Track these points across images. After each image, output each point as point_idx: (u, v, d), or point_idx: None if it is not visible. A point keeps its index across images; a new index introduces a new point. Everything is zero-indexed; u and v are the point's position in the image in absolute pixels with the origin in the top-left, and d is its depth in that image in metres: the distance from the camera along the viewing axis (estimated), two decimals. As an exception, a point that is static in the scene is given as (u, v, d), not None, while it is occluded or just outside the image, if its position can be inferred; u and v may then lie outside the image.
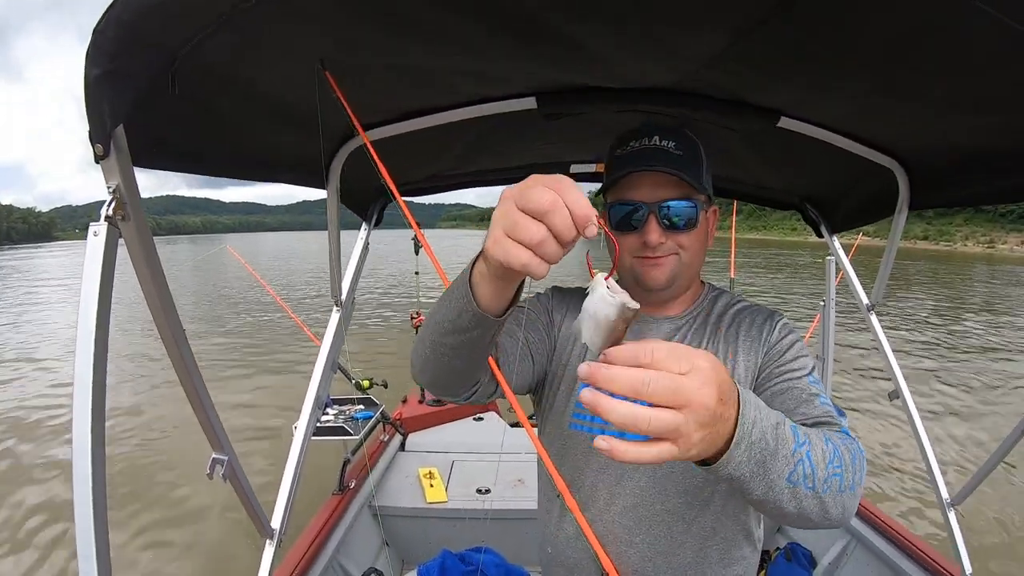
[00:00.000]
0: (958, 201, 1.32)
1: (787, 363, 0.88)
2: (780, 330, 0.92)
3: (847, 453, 0.67)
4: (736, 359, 0.91)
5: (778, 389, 0.86)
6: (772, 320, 0.94)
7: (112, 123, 0.63)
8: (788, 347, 0.90)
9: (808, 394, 0.84)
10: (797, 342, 0.91)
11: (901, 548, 1.88)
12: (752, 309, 0.96)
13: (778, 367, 0.89)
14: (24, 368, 8.39)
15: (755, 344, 0.91)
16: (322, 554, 1.93)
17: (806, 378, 0.86)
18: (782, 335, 0.92)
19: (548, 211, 0.49)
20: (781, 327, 0.93)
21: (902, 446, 4.88)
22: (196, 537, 3.76)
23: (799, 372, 0.87)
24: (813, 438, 0.63)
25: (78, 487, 0.71)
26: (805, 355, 0.90)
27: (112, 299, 0.74)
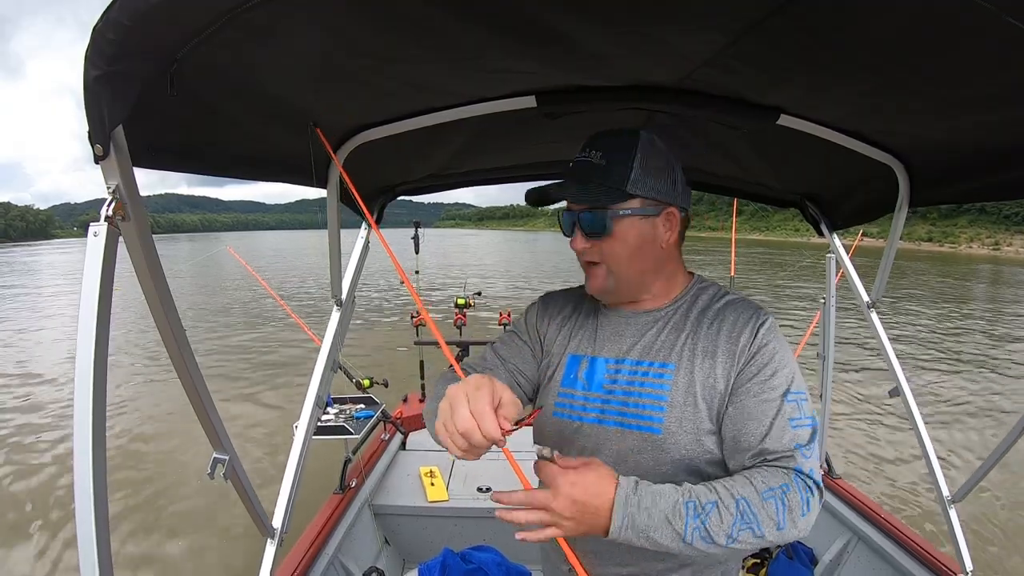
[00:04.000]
0: (958, 198, 1.32)
1: (760, 379, 0.84)
2: (762, 336, 0.86)
3: (769, 505, 0.76)
4: (715, 361, 0.87)
5: (742, 407, 0.83)
6: (755, 322, 0.88)
7: (111, 124, 0.63)
8: (767, 359, 0.85)
9: (771, 420, 0.81)
10: (778, 352, 0.86)
11: (902, 545, 1.89)
12: (737, 305, 0.91)
13: (749, 380, 0.84)
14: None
15: (733, 348, 0.86)
16: (323, 553, 1.93)
17: (782, 398, 0.82)
18: (763, 342, 0.86)
19: (467, 432, 0.67)
20: (764, 332, 0.86)
21: (903, 443, 4.89)
22: (197, 537, 3.77)
23: (772, 391, 0.83)
24: (719, 507, 0.75)
25: (79, 486, 0.71)
26: (786, 367, 0.85)
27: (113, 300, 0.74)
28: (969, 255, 42.68)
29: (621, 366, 0.92)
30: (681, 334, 0.91)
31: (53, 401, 6.73)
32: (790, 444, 0.80)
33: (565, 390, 0.96)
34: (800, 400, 0.83)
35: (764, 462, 0.81)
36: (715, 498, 0.76)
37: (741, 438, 0.83)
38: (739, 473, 0.81)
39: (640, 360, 0.91)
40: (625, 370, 0.91)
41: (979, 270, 26.31)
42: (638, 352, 0.92)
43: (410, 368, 3.77)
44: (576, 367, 0.96)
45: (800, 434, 0.81)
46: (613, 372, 0.92)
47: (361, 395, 2.75)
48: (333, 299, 1.55)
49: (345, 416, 2.54)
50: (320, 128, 1.09)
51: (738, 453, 0.83)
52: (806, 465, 0.80)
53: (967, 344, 9.40)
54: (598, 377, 0.93)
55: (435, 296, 10.57)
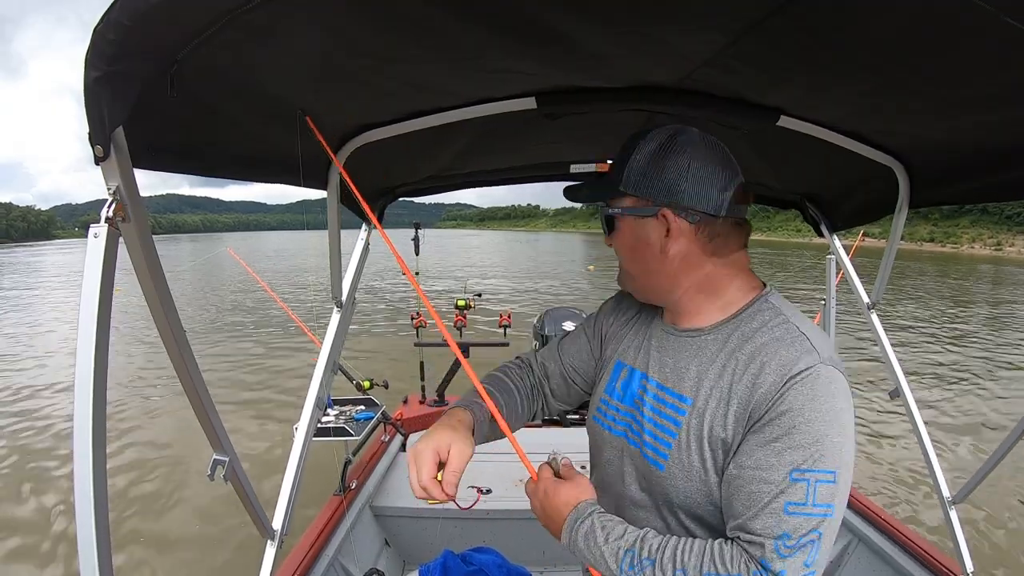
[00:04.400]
0: (958, 199, 1.32)
1: (768, 440, 0.69)
2: (791, 391, 0.69)
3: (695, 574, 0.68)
4: (729, 406, 0.74)
5: (741, 468, 0.71)
6: (789, 370, 0.70)
7: (111, 125, 0.63)
8: (788, 420, 0.68)
9: (763, 495, 0.68)
10: (808, 414, 0.68)
11: (902, 546, 1.88)
12: (782, 344, 0.73)
13: (757, 438, 0.70)
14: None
15: (751, 395, 0.72)
16: (323, 555, 1.93)
17: (788, 474, 0.67)
18: (789, 399, 0.69)
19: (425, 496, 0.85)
20: (796, 386, 0.69)
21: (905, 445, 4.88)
22: (197, 537, 3.76)
23: (778, 461, 0.68)
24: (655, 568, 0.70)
25: (79, 486, 0.71)
26: (811, 436, 0.67)
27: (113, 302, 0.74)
28: (971, 255, 42.62)
29: (649, 385, 0.85)
30: (711, 366, 0.78)
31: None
32: (772, 531, 0.66)
33: (606, 397, 0.93)
34: (817, 482, 0.66)
35: (738, 539, 0.70)
36: (656, 557, 0.71)
37: (730, 502, 0.72)
38: (707, 540, 0.72)
39: (663, 384, 0.83)
40: (652, 391, 0.84)
41: (981, 270, 26.24)
42: (665, 375, 0.84)
43: (410, 370, 3.77)
44: (618, 374, 0.92)
45: (793, 523, 0.66)
46: (642, 389, 0.86)
47: (361, 396, 2.75)
48: (333, 300, 1.55)
49: (345, 417, 2.54)
50: (320, 129, 1.09)
51: (726, 516, 0.74)
52: (778, 565, 0.65)
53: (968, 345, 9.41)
54: (632, 390, 0.88)
55: (434, 297, 10.57)
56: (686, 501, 0.78)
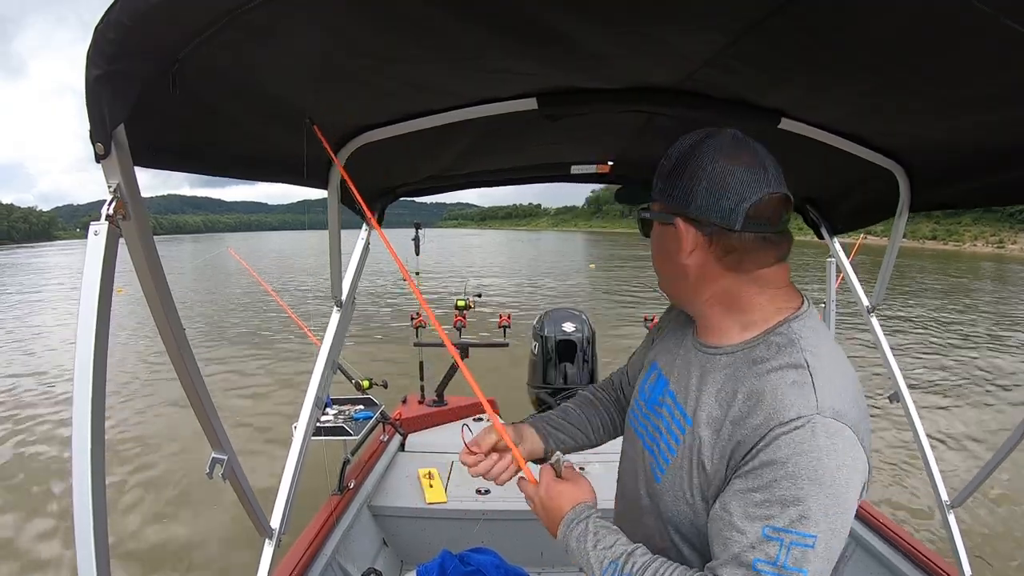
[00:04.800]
0: (959, 203, 1.32)
1: (750, 489, 0.65)
2: (781, 442, 0.64)
3: None
4: (717, 436, 0.71)
5: (721, 511, 0.68)
6: (783, 417, 0.65)
7: (112, 123, 0.63)
8: (772, 472, 0.63)
9: (734, 546, 0.65)
10: (795, 471, 0.62)
11: (900, 550, 1.88)
12: (784, 382, 0.67)
13: (739, 484, 0.66)
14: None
15: (738, 432, 0.68)
16: (321, 554, 1.93)
17: (762, 529, 0.63)
18: (777, 449, 0.64)
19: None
20: (787, 438, 0.63)
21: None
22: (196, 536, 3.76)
23: (755, 514, 0.64)
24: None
25: (77, 486, 0.71)
26: (795, 496, 0.62)
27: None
28: (973, 253, 42.50)
29: (668, 395, 0.83)
30: (713, 390, 0.75)
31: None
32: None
33: (637, 395, 0.92)
34: (792, 544, 0.62)
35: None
36: (631, 570, 0.71)
37: (711, 540, 0.70)
38: (687, 571, 0.70)
39: (676, 397, 0.81)
40: (668, 403, 0.82)
41: (983, 268, 26.11)
42: (679, 388, 0.81)
43: (410, 369, 3.77)
44: (650, 375, 0.90)
45: None
46: (663, 396, 0.84)
47: (360, 396, 2.75)
48: (333, 300, 1.55)
49: (344, 417, 2.54)
50: (320, 129, 1.09)
51: (710, 536, 0.71)
52: None
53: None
54: (656, 395, 0.86)
55: (434, 298, 10.57)
56: (674, 518, 0.77)
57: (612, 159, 1.62)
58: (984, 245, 48.54)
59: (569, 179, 1.72)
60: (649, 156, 1.58)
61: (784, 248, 0.77)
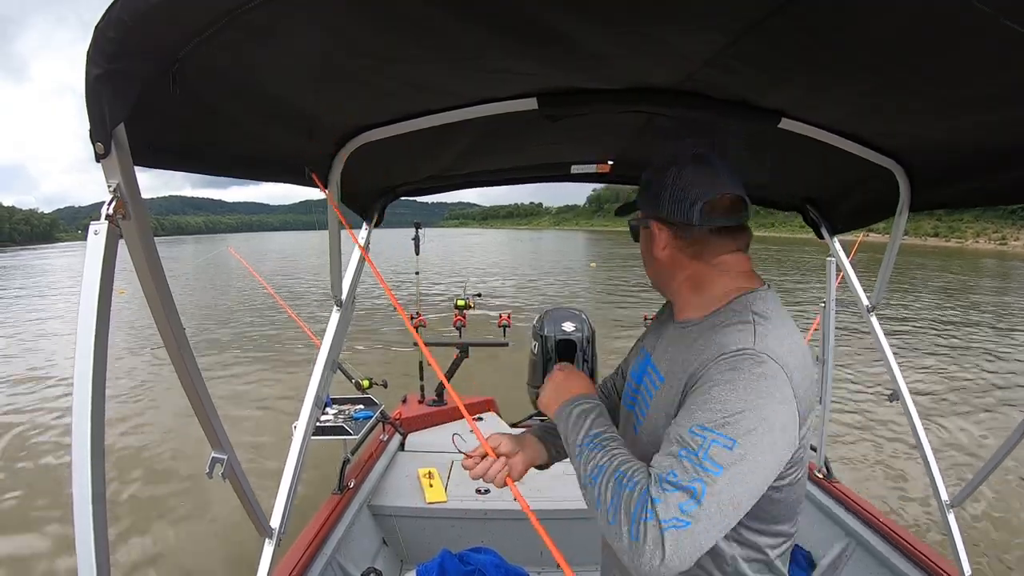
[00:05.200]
0: (958, 202, 1.32)
1: (687, 403, 0.78)
2: (717, 369, 0.77)
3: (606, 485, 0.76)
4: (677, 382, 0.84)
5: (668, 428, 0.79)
6: (720, 351, 0.78)
7: (112, 122, 0.63)
8: (706, 389, 0.76)
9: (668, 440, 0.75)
10: (726, 389, 0.74)
11: (900, 549, 1.88)
12: (727, 332, 0.81)
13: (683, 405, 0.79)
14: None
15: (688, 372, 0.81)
16: (321, 554, 1.93)
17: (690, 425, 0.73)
18: (711, 373, 0.77)
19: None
20: (722, 366, 0.76)
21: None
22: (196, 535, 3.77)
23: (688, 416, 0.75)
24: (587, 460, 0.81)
25: (77, 485, 0.71)
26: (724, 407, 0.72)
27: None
28: (976, 250, 42.40)
29: (648, 365, 0.99)
30: (685, 351, 0.87)
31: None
32: (663, 466, 0.72)
33: (630, 378, 1.05)
34: (713, 441, 0.71)
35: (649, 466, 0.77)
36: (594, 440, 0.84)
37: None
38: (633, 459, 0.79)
39: (655, 364, 0.96)
40: (649, 371, 0.97)
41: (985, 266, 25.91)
42: (658, 357, 0.96)
43: (409, 369, 3.77)
44: (639, 358, 1.04)
45: (681, 467, 0.71)
46: (645, 367, 1.00)
47: (360, 396, 2.75)
48: (333, 299, 1.55)
49: (344, 417, 2.54)
50: (320, 128, 1.09)
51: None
52: (655, 492, 0.70)
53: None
54: (642, 371, 1.00)
55: (435, 297, 10.58)
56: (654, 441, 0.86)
57: (612, 159, 1.62)
58: (986, 242, 48.38)
59: (569, 179, 1.73)
60: (649, 156, 1.59)
61: (743, 240, 0.93)
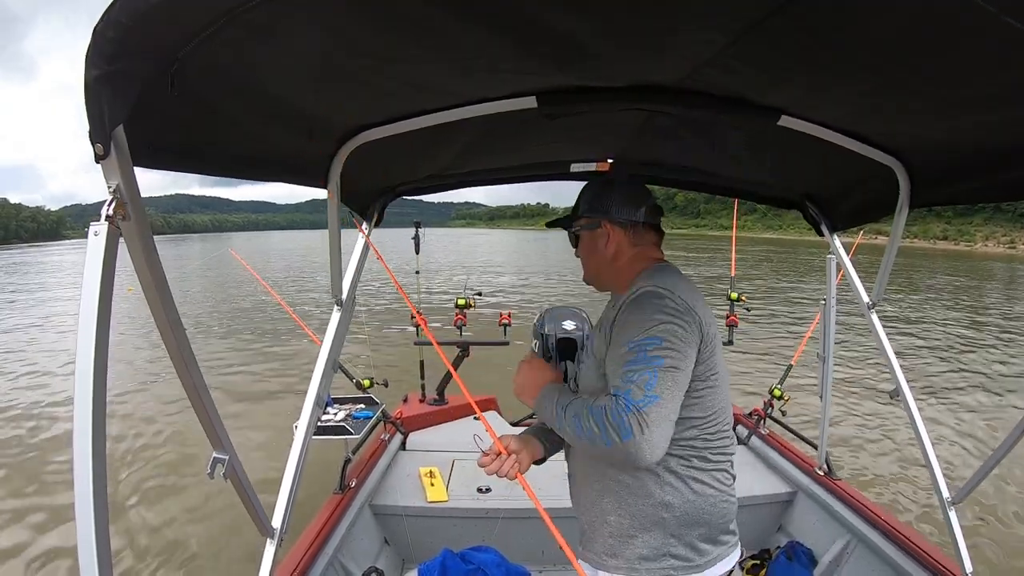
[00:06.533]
0: (958, 199, 1.32)
1: (615, 337, 1.04)
2: (624, 306, 1.06)
3: (589, 419, 0.98)
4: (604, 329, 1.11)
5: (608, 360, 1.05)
6: (624, 297, 1.08)
7: (112, 123, 0.63)
8: (622, 322, 1.04)
9: (614, 366, 1.01)
10: (633, 313, 1.03)
11: (902, 547, 1.88)
12: (630, 291, 1.09)
13: (611, 340, 1.05)
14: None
15: (611, 318, 1.09)
16: (323, 553, 1.93)
17: (624, 349, 0.99)
18: (622, 311, 1.05)
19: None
20: (627, 303, 1.05)
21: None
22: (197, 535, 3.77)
23: (619, 347, 1.01)
24: (567, 411, 1.05)
25: (79, 486, 0.71)
26: (635, 324, 1.00)
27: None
28: (985, 253, 42.19)
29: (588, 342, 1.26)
30: (608, 312, 1.15)
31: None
32: (620, 374, 0.98)
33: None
34: (642, 345, 0.98)
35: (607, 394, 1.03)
36: (567, 404, 1.06)
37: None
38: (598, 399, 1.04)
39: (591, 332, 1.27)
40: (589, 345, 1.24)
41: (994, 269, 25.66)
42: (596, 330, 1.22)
43: (411, 368, 3.77)
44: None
45: (633, 367, 0.97)
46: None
47: (361, 395, 2.75)
48: (333, 299, 1.55)
49: (345, 416, 2.54)
50: (320, 128, 1.09)
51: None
52: (624, 388, 0.96)
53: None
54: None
55: (436, 297, 10.56)
56: (589, 387, 1.15)
57: (612, 157, 1.62)
58: (995, 245, 48.08)
59: (570, 178, 1.72)
60: (649, 154, 1.59)
61: (659, 233, 1.23)
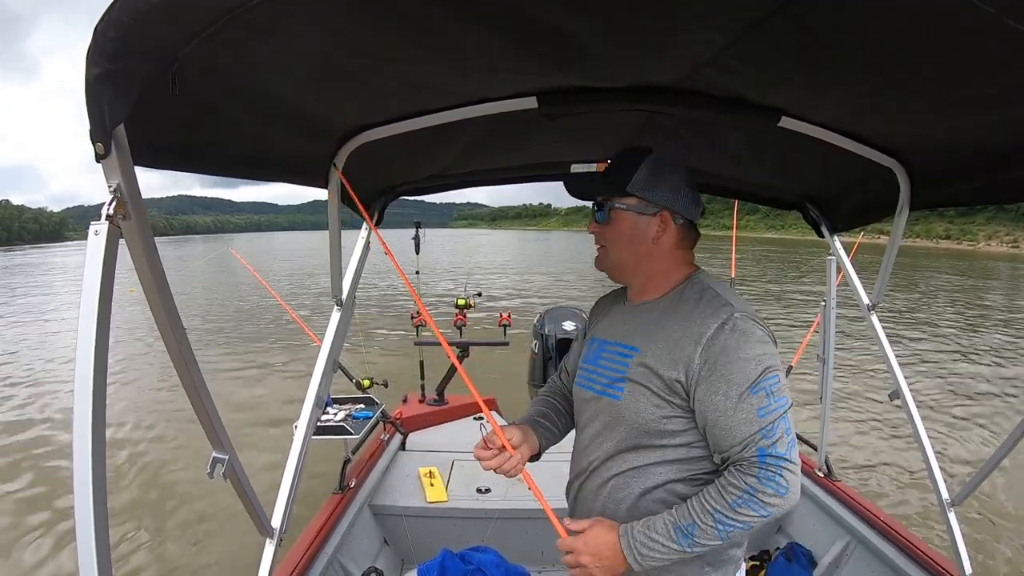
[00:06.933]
0: (959, 200, 1.31)
1: (719, 376, 0.90)
2: (721, 334, 0.92)
3: (743, 509, 0.88)
4: (670, 348, 0.96)
5: (707, 403, 0.92)
6: (716, 319, 0.94)
7: (112, 122, 0.63)
8: (725, 355, 0.90)
9: (733, 417, 0.89)
10: (741, 346, 0.90)
11: (901, 548, 1.88)
12: (708, 301, 0.98)
13: (710, 376, 0.91)
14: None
15: (690, 341, 0.94)
16: (322, 553, 1.93)
17: (746, 392, 0.88)
18: (720, 339, 0.92)
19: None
20: (725, 329, 0.92)
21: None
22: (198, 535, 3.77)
23: (733, 388, 0.89)
24: (699, 525, 0.89)
25: (79, 488, 0.71)
26: (750, 359, 0.89)
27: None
28: (988, 253, 42.06)
29: (605, 346, 1.10)
30: (655, 324, 1.02)
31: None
32: (755, 434, 0.88)
33: (584, 365, 1.15)
34: (768, 387, 0.89)
35: (732, 459, 0.91)
36: (693, 519, 0.90)
37: (711, 432, 0.93)
38: (715, 481, 0.93)
39: (615, 341, 1.08)
40: (607, 350, 1.09)
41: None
42: (616, 335, 1.09)
43: (410, 368, 3.77)
44: (592, 346, 1.15)
45: (766, 421, 0.88)
46: (604, 351, 1.10)
47: (361, 395, 2.75)
48: (333, 299, 1.55)
49: (345, 416, 2.54)
50: (320, 128, 1.09)
51: (712, 444, 0.95)
52: (768, 444, 0.87)
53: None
54: (598, 355, 1.11)
55: (436, 297, 10.56)
56: (636, 422, 0.99)
57: (612, 158, 1.62)
58: (998, 245, 47.96)
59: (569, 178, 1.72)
60: None
61: (698, 235, 1.11)
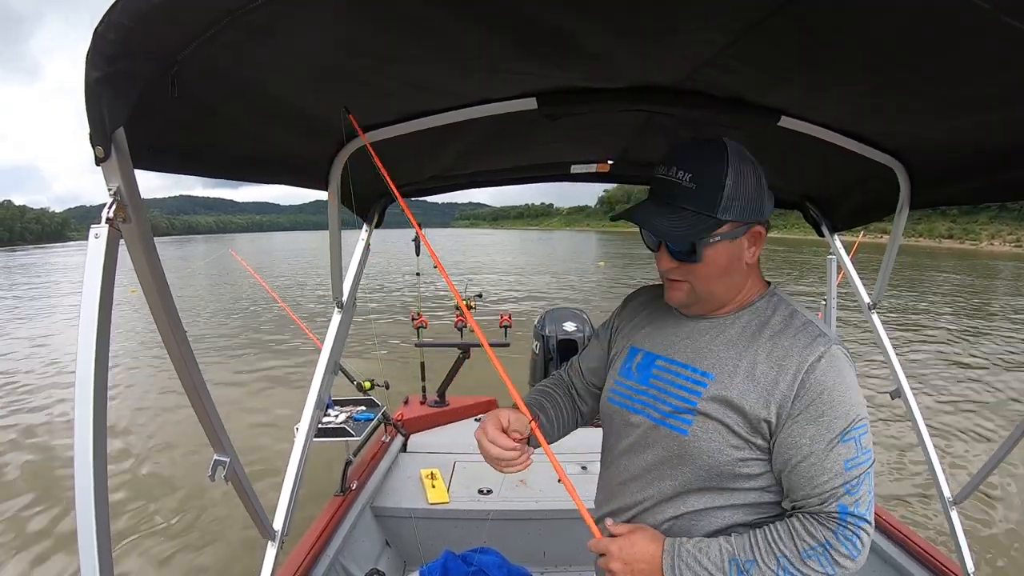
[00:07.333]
0: (959, 199, 1.31)
1: (809, 418, 0.80)
2: (815, 371, 0.81)
3: (812, 562, 0.80)
4: (755, 383, 0.84)
5: (790, 444, 0.82)
6: (809, 353, 0.82)
7: (112, 125, 0.63)
8: (817, 396, 0.80)
9: (818, 465, 0.80)
10: (835, 389, 0.80)
11: (903, 547, 1.88)
12: (799, 331, 0.85)
13: (798, 416, 0.81)
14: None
15: (779, 376, 0.82)
16: (324, 555, 1.93)
17: (835, 440, 0.79)
18: (814, 379, 0.80)
19: (496, 457, 0.92)
20: (818, 366, 0.81)
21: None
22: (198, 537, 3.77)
23: (822, 433, 0.79)
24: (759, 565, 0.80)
25: (80, 488, 0.71)
26: (842, 404, 0.80)
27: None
28: (991, 252, 41.96)
29: (668, 365, 0.93)
30: (733, 348, 0.88)
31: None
32: (839, 488, 0.80)
33: (621, 379, 1.00)
34: (858, 437, 0.80)
35: (808, 508, 0.82)
36: (754, 557, 0.81)
37: (789, 476, 0.83)
38: (784, 522, 0.84)
39: (685, 363, 0.91)
40: (671, 369, 0.93)
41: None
42: (685, 354, 0.92)
43: (411, 370, 3.77)
44: (633, 358, 0.99)
45: (852, 475, 0.80)
46: (661, 369, 0.94)
47: (362, 397, 2.75)
48: (334, 301, 1.55)
49: (346, 418, 2.54)
50: (320, 129, 1.09)
51: (787, 487, 0.85)
52: (851, 501, 0.80)
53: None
54: (647, 371, 0.96)
55: (436, 298, 10.56)
56: (707, 464, 0.86)
57: (612, 158, 1.62)
58: (1001, 244, 47.87)
59: (569, 178, 1.72)
60: (649, 155, 1.59)
61: None
